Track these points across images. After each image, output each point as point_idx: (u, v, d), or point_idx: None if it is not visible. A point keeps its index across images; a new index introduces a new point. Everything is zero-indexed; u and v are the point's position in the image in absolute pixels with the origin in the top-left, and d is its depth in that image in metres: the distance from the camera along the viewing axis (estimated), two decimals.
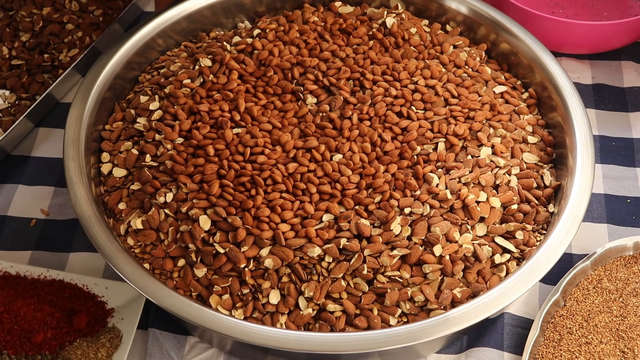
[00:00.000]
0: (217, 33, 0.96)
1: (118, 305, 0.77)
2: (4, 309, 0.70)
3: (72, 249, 0.87)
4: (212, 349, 0.79)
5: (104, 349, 0.70)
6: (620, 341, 0.76)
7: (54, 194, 0.93)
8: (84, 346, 0.70)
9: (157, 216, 0.76)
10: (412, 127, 0.81)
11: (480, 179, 0.78)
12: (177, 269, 0.75)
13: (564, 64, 1.05)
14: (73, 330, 0.72)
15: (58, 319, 0.71)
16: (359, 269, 0.72)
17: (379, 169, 0.77)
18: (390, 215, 0.74)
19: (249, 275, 0.73)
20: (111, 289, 0.77)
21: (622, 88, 1.04)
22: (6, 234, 0.89)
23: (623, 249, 0.83)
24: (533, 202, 0.79)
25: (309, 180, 0.76)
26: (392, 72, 0.86)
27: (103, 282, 0.78)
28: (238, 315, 0.72)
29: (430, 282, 0.73)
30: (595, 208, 0.91)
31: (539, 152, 0.84)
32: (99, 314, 0.75)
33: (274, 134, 0.80)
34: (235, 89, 0.84)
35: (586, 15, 1.10)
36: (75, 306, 0.74)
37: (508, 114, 0.85)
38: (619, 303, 0.79)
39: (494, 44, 0.93)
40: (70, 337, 0.71)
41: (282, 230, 0.73)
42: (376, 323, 0.71)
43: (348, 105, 0.82)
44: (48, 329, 0.70)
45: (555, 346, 0.76)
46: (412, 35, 0.91)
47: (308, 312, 0.72)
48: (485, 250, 0.75)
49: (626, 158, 0.96)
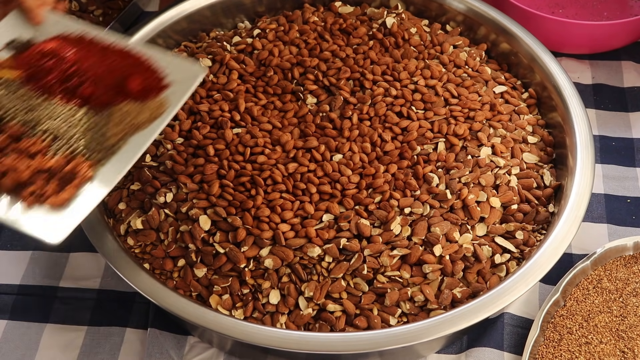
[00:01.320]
0: (217, 33, 0.96)
1: (175, 81, 0.75)
2: (64, 58, 0.72)
3: (72, 249, 0.87)
4: (212, 349, 0.79)
5: (146, 113, 0.70)
6: (620, 341, 0.76)
7: None
8: (128, 108, 0.71)
9: (157, 216, 0.76)
10: (412, 127, 0.81)
11: (480, 179, 0.78)
12: (177, 269, 0.75)
13: (564, 64, 1.05)
14: (124, 92, 0.72)
15: (114, 78, 0.72)
16: (359, 269, 0.72)
17: (379, 169, 0.77)
18: (390, 215, 0.74)
19: (249, 275, 0.73)
20: (173, 65, 0.75)
21: (622, 88, 1.04)
22: (6, 234, 0.89)
23: (623, 249, 0.83)
24: (533, 202, 0.79)
25: (309, 180, 0.76)
26: (392, 72, 0.86)
27: (167, 58, 0.76)
28: (238, 315, 0.72)
29: (430, 282, 0.73)
30: (595, 208, 0.91)
31: (539, 152, 0.84)
32: (154, 85, 0.74)
33: (274, 134, 0.80)
34: (235, 89, 0.84)
35: (586, 15, 1.10)
36: (133, 72, 0.74)
37: (508, 114, 0.85)
38: (619, 303, 0.79)
39: (494, 44, 0.93)
40: (119, 98, 0.71)
41: (282, 230, 0.73)
42: (376, 323, 0.71)
43: (348, 105, 0.82)
44: (100, 85, 0.71)
45: (555, 346, 0.76)
46: (412, 35, 0.91)
47: (308, 312, 0.72)
48: (485, 250, 0.75)
49: (626, 158, 0.96)
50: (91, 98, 0.70)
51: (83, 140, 0.68)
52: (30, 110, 0.70)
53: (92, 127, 0.69)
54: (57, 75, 0.71)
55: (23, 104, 0.70)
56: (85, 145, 0.68)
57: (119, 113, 0.70)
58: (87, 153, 0.67)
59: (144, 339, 0.80)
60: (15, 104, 0.70)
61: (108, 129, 0.69)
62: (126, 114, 0.70)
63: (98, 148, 0.68)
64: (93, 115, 0.69)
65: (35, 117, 0.69)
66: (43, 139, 0.68)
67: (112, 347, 0.80)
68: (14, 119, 0.69)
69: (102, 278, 0.85)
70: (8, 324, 0.82)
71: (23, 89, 0.71)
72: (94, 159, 0.67)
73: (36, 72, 0.72)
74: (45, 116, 0.69)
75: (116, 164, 0.67)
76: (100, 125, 0.69)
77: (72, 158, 0.67)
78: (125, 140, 0.68)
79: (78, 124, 0.69)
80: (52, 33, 0.77)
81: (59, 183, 0.65)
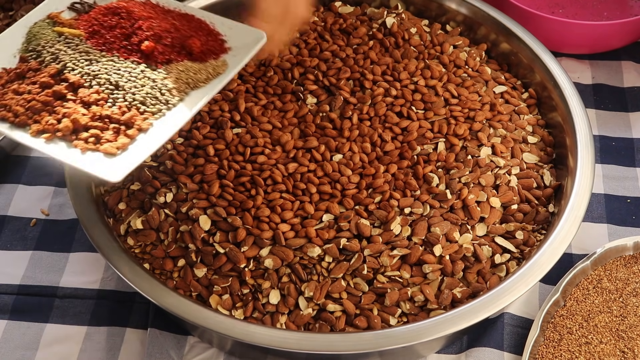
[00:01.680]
0: None
1: (235, 46, 0.77)
2: (126, 16, 0.73)
3: (72, 249, 0.87)
4: (212, 349, 0.79)
5: (204, 73, 0.72)
6: (620, 341, 0.76)
7: (54, 194, 0.93)
8: (187, 65, 0.72)
9: (157, 216, 0.76)
10: (412, 127, 0.81)
11: (480, 179, 0.78)
12: (177, 269, 0.75)
13: (564, 64, 1.05)
14: (184, 52, 0.74)
15: (174, 39, 0.73)
16: (359, 269, 0.72)
17: (379, 169, 0.77)
18: (390, 215, 0.74)
19: (249, 275, 0.73)
20: (234, 31, 0.77)
21: (622, 88, 1.04)
22: (6, 234, 0.89)
23: (623, 249, 0.83)
24: (533, 202, 0.79)
25: (309, 180, 0.76)
26: (392, 72, 0.86)
27: (229, 22, 0.78)
28: (238, 315, 0.72)
29: (430, 282, 0.73)
30: (595, 208, 0.91)
31: (539, 152, 0.84)
32: (215, 47, 0.76)
33: (274, 134, 0.80)
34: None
35: (586, 15, 1.10)
36: (194, 34, 0.76)
37: (508, 114, 0.85)
38: (619, 303, 0.79)
39: (494, 44, 0.93)
40: (179, 58, 0.73)
41: (282, 230, 0.73)
42: (376, 323, 0.71)
43: (348, 105, 0.82)
44: (160, 44, 0.72)
45: (555, 346, 0.76)
46: (412, 35, 0.91)
47: (308, 312, 0.72)
48: (485, 250, 0.75)
49: (626, 158, 0.96)
50: (151, 55, 0.72)
51: (141, 92, 0.69)
52: (90, 63, 0.71)
53: (151, 81, 0.70)
54: (119, 32, 0.73)
55: (83, 57, 0.71)
56: (143, 98, 0.69)
57: (178, 70, 0.71)
58: (144, 105, 0.69)
59: (144, 339, 0.80)
60: (76, 57, 0.72)
61: (166, 84, 0.70)
62: (185, 71, 0.71)
63: (155, 101, 0.69)
64: (152, 71, 0.71)
65: (95, 70, 0.70)
66: (101, 90, 0.69)
67: (112, 347, 0.80)
68: (74, 70, 0.70)
69: (102, 278, 0.85)
70: (8, 324, 0.82)
71: (83, 45, 0.73)
72: (151, 110, 0.69)
73: (98, 29, 0.74)
74: (105, 69, 0.70)
75: (173, 116, 0.69)
76: (158, 80, 0.70)
77: (129, 109, 0.68)
78: (182, 95, 0.70)
79: (137, 77, 0.70)
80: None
81: (116, 131, 0.67)
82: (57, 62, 0.71)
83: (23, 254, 0.87)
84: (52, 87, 0.69)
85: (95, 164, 0.64)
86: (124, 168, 0.64)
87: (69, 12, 0.78)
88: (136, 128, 0.67)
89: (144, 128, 0.67)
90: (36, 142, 0.66)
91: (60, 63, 0.71)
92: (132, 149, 0.66)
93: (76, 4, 0.79)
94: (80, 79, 0.69)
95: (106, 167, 0.64)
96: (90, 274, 0.85)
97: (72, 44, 0.73)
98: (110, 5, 0.75)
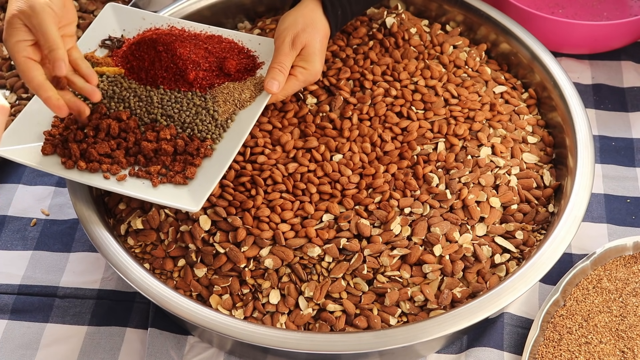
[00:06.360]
0: None
1: (268, 60, 0.80)
2: (163, 48, 0.76)
3: (72, 249, 0.87)
4: (212, 348, 0.79)
5: (248, 91, 0.76)
6: (620, 341, 0.76)
7: (54, 194, 0.93)
8: (230, 87, 0.76)
9: (157, 216, 0.76)
10: (412, 127, 0.81)
11: (480, 179, 0.78)
12: (177, 269, 0.75)
13: (564, 64, 1.05)
14: (223, 74, 0.78)
15: (210, 63, 0.78)
16: (359, 269, 0.72)
17: (379, 169, 0.77)
18: (390, 215, 0.74)
19: (249, 275, 0.73)
20: (263, 45, 0.82)
21: (622, 88, 1.04)
22: (6, 234, 0.89)
23: (623, 249, 0.83)
24: (533, 202, 0.79)
25: (309, 180, 0.76)
26: (392, 72, 0.86)
27: (256, 38, 0.82)
28: (238, 315, 0.72)
29: (430, 282, 0.73)
30: (595, 208, 0.91)
31: (539, 152, 0.84)
32: (249, 65, 0.80)
33: (274, 134, 0.80)
34: None
35: (586, 15, 1.10)
36: (228, 55, 0.80)
37: (508, 114, 0.85)
38: (618, 303, 0.79)
39: (494, 44, 0.93)
40: (219, 80, 0.77)
41: (282, 230, 0.73)
42: (376, 323, 0.71)
43: (348, 105, 0.82)
44: (200, 70, 0.76)
45: (555, 346, 0.76)
46: (412, 36, 0.91)
47: (308, 312, 0.72)
48: (485, 250, 0.75)
49: (626, 158, 0.96)
50: (194, 82, 0.76)
51: (196, 120, 0.74)
52: (140, 100, 0.76)
53: (202, 109, 0.75)
54: (158, 65, 0.77)
55: (131, 94, 0.76)
56: (200, 125, 0.74)
57: (222, 93, 0.76)
58: (202, 132, 0.74)
59: (144, 339, 0.80)
60: (125, 96, 0.76)
61: (217, 109, 0.75)
62: (229, 93, 0.76)
63: (210, 127, 0.74)
64: (200, 98, 0.76)
65: (146, 106, 0.76)
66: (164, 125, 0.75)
67: (112, 347, 0.80)
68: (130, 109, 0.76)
69: (102, 278, 0.85)
70: (8, 324, 0.82)
71: (126, 83, 0.77)
72: (209, 137, 0.74)
73: (137, 64, 0.78)
74: (159, 105, 0.75)
75: (230, 139, 0.74)
76: (210, 107, 0.75)
77: (191, 139, 0.74)
78: (232, 117, 0.75)
79: (188, 107, 0.75)
80: (142, 28, 0.83)
81: (182, 162, 0.72)
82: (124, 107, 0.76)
83: (23, 254, 0.87)
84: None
85: (175, 198, 0.70)
86: (201, 197, 0.68)
87: (101, 50, 0.82)
88: (201, 156, 0.72)
89: (207, 154, 0.72)
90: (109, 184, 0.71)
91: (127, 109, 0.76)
92: (202, 177, 0.71)
93: (107, 40, 0.82)
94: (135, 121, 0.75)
95: (184, 199, 0.69)
96: (90, 274, 0.85)
97: (116, 81, 0.77)
98: (140, 39, 0.79)
